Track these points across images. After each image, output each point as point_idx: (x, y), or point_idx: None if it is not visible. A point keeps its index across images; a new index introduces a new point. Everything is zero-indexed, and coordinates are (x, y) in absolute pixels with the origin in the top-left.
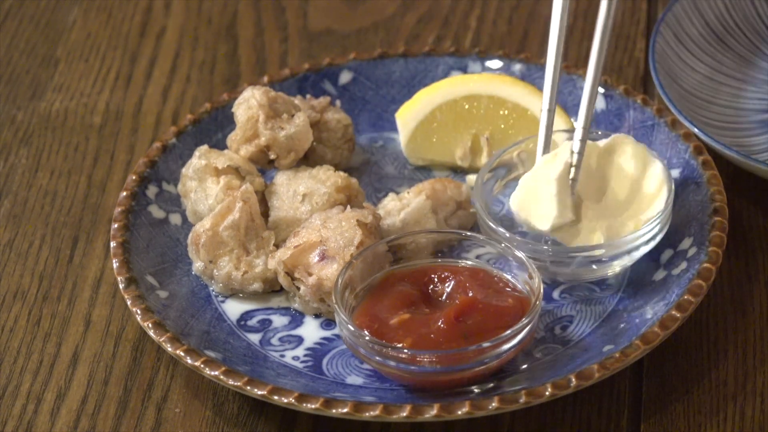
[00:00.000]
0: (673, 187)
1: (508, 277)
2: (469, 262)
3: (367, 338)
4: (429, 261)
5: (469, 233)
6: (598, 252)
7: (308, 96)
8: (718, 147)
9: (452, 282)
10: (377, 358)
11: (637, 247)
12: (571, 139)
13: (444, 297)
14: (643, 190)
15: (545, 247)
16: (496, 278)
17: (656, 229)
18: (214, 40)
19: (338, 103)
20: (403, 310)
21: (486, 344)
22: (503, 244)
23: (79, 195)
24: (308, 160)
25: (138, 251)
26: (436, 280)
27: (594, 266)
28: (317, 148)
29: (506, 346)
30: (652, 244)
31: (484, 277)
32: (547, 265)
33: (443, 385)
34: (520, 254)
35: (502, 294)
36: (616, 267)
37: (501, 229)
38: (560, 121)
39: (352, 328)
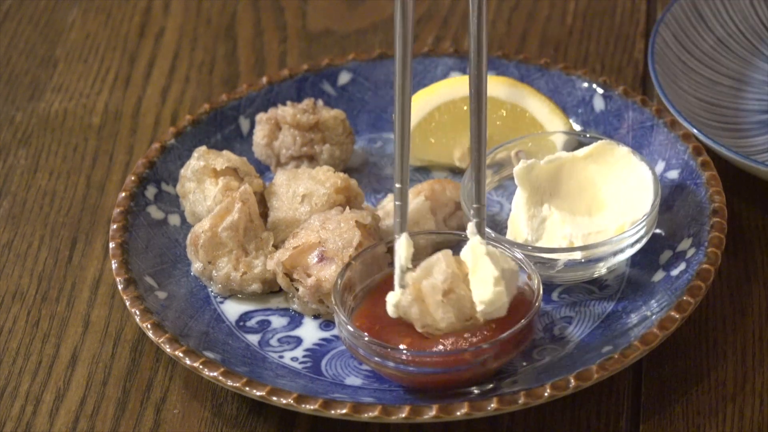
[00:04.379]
0: (660, 189)
1: None
2: None
3: (366, 339)
4: None
5: None
6: (577, 254)
7: (288, 102)
8: (718, 148)
9: None
10: (376, 358)
11: (622, 249)
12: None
13: None
14: (629, 193)
15: (527, 250)
16: None
17: (642, 232)
18: (213, 40)
19: (320, 102)
20: None
21: (485, 345)
22: (502, 245)
23: (78, 196)
24: (311, 160)
25: (137, 252)
26: None
27: (579, 268)
28: (318, 149)
29: (505, 347)
30: (638, 246)
31: None
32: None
33: (442, 385)
34: (519, 255)
35: None
36: (603, 269)
37: (486, 230)
38: (559, 122)
39: (351, 329)
